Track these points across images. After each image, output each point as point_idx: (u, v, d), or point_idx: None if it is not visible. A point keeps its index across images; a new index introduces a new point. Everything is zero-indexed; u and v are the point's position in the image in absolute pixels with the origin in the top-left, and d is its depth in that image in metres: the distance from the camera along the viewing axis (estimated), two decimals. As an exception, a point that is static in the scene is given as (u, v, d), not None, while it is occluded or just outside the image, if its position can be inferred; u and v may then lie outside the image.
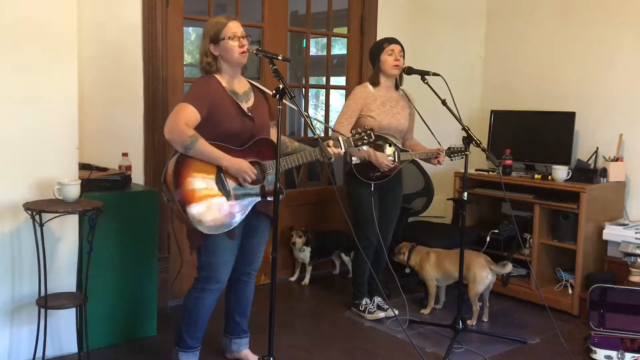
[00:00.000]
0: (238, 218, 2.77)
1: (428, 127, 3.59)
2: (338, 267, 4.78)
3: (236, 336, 3.17)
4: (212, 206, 2.70)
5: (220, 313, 3.17)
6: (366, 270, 3.86)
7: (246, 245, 2.98)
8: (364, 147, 2.94)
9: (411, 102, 3.82)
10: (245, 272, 3.06)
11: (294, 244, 4.40)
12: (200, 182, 2.69)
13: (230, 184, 2.75)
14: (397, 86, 3.80)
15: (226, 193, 2.74)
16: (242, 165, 2.71)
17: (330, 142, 2.82)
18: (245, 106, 2.85)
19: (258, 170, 2.78)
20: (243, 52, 2.79)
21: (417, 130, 3.89)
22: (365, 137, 2.89)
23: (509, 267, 3.84)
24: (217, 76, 2.84)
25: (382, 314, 3.82)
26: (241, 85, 2.91)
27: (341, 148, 2.84)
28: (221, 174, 2.73)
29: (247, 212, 2.80)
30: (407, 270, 4.09)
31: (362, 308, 3.85)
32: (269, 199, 2.84)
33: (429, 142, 3.73)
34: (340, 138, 2.86)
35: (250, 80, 3.00)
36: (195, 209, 2.65)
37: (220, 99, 2.78)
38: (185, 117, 2.67)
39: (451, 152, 3.63)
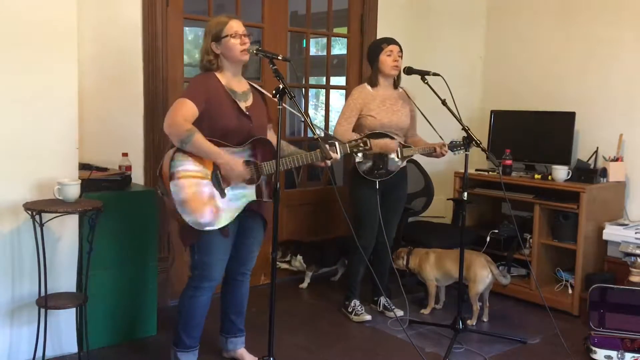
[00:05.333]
0: (231, 216, 2.77)
1: (430, 123, 3.58)
2: (340, 273, 4.62)
3: (232, 335, 3.17)
4: (206, 203, 2.70)
5: (218, 313, 3.17)
6: (361, 271, 3.86)
7: (241, 246, 2.99)
8: (359, 155, 2.93)
9: (411, 99, 3.82)
10: (240, 271, 3.07)
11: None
12: (195, 179, 2.69)
13: (225, 182, 2.76)
14: (395, 85, 3.80)
15: (220, 191, 2.74)
16: (234, 167, 2.70)
17: (327, 147, 2.82)
18: (243, 105, 2.85)
19: (253, 170, 2.79)
20: (244, 50, 2.80)
21: (419, 128, 3.89)
22: (362, 145, 2.88)
23: (507, 280, 3.86)
24: (217, 74, 2.85)
25: (368, 317, 3.81)
26: (241, 85, 2.92)
27: (337, 153, 2.83)
28: (217, 171, 2.74)
29: (240, 211, 2.80)
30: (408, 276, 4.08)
31: (350, 309, 3.85)
32: (265, 199, 2.85)
33: (432, 138, 3.73)
34: (336, 143, 2.85)
35: (250, 82, 3.01)
36: (188, 205, 2.66)
37: (218, 95, 2.79)
38: (184, 111, 2.69)
39: (453, 146, 3.58)
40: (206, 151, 2.68)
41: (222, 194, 2.75)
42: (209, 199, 2.71)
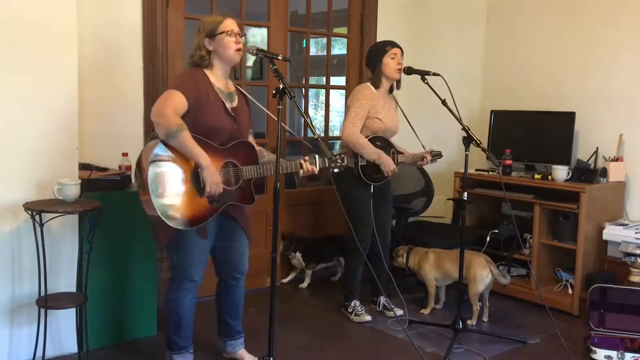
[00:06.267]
0: (207, 216, 2.72)
1: (413, 129, 3.63)
2: (340, 273, 4.62)
3: (230, 338, 3.16)
4: (183, 200, 2.64)
5: (215, 315, 3.17)
6: (360, 271, 3.85)
7: (226, 250, 2.97)
8: (335, 170, 2.91)
9: (398, 104, 3.84)
10: (232, 276, 3.04)
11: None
12: (175, 174, 2.64)
13: (204, 181, 2.70)
14: (392, 89, 3.79)
15: (199, 190, 2.68)
16: (214, 177, 2.65)
17: (307, 158, 2.81)
18: (229, 106, 2.83)
19: (233, 173, 2.76)
20: (238, 50, 2.77)
21: (405, 132, 3.88)
22: (339, 161, 2.85)
23: (507, 280, 3.86)
24: (206, 71, 2.81)
25: (368, 317, 3.81)
26: (228, 85, 2.90)
27: (315, 166, 2.79)
28: (198, 169, 2.68)
29: (217, 213, 2.75)
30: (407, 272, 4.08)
31: (350, 310, 3.85)
32: (241, 203, 2.83)
33: (415, 144, 3.77)
34: (317, 157, 2.81)
35: (236, 85, 2.99)
36: (164, 200, 2.60)
37: (207, 92, 2.75)
38: (175, 103, 2.62)
39: (433, 155, 3.76)
40: (191, 151, 2.62)
41: (201, 194, 2.69)
42: (186, 197, 2.65)
